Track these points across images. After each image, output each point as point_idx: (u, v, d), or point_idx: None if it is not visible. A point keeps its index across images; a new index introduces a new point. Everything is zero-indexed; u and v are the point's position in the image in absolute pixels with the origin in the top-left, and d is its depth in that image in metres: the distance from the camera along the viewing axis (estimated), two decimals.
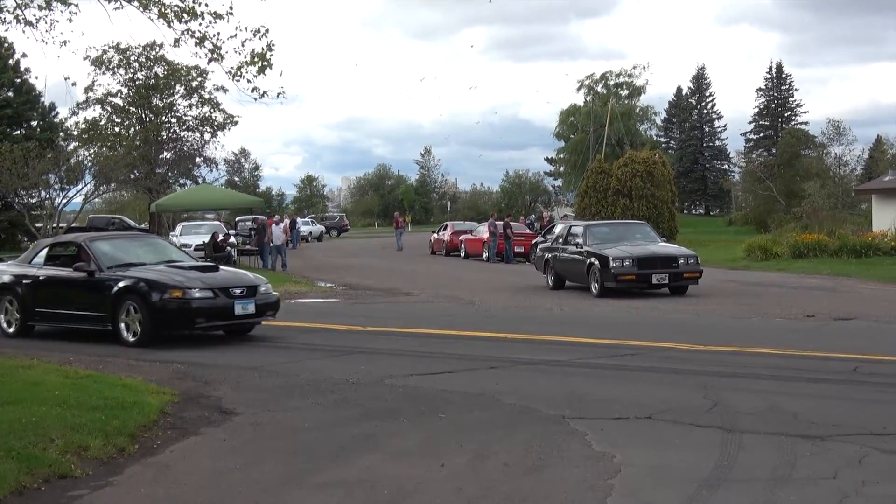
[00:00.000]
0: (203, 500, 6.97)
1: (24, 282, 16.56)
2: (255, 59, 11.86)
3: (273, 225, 38.06)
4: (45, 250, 17.21)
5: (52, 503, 6.97)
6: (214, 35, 11.86)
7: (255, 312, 15.54)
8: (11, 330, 16.65)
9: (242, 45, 11.90)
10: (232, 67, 12.04)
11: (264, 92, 12.25)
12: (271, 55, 11.91)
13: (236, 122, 55.93)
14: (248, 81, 12.12)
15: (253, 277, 16.19)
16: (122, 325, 15.12)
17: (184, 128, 56.45)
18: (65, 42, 12.57)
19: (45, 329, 16.92)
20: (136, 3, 11.65)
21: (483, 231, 44.48)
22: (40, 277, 16.45)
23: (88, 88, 53.62)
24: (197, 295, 14.95)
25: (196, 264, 16.80)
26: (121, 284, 15.13)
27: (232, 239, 40.11)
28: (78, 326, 15.96)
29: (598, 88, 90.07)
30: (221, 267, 17.17)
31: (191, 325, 15.10)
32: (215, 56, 12.02)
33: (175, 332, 15.32)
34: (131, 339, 15.00)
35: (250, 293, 15.49)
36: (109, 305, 15.23)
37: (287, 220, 40.07)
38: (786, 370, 12.00)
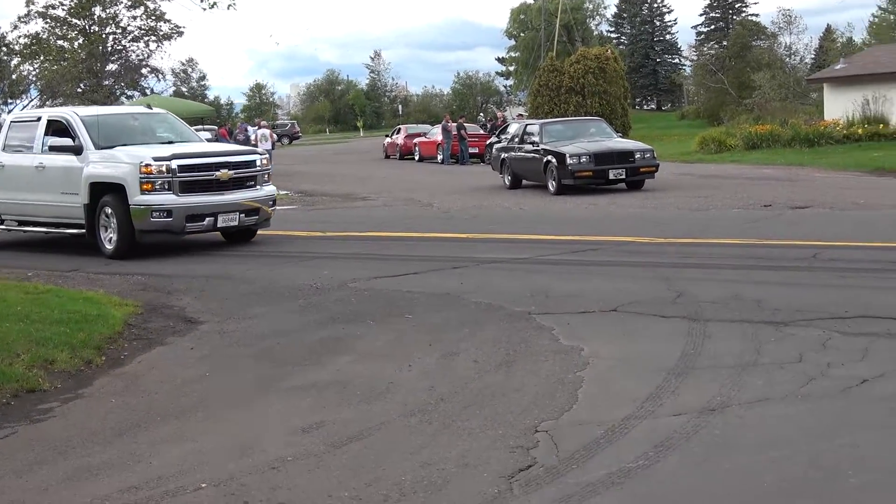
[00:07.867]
0: (176, 408, 6.94)
1: None
2: None
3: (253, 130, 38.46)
4: None
5: (24, 417, 6.91)
6: None
7: None
8: None
9: None
10: None
11: (214, 3, 11.91)
12: None
13: (181, 33, 54.83)
14: None
15: None
16: None
17: (128, 38, 55.25)
18: None
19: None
20: None
21: (437, 134, 44.24)
22: None
23: (29, 1, 52.23)
24: None
25: None
26: None
27: None
28: None
29: None
30: None
31: None
32: None
33: None
34: None
35: None
36: None
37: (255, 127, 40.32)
38: (747, 259, 12.13)
